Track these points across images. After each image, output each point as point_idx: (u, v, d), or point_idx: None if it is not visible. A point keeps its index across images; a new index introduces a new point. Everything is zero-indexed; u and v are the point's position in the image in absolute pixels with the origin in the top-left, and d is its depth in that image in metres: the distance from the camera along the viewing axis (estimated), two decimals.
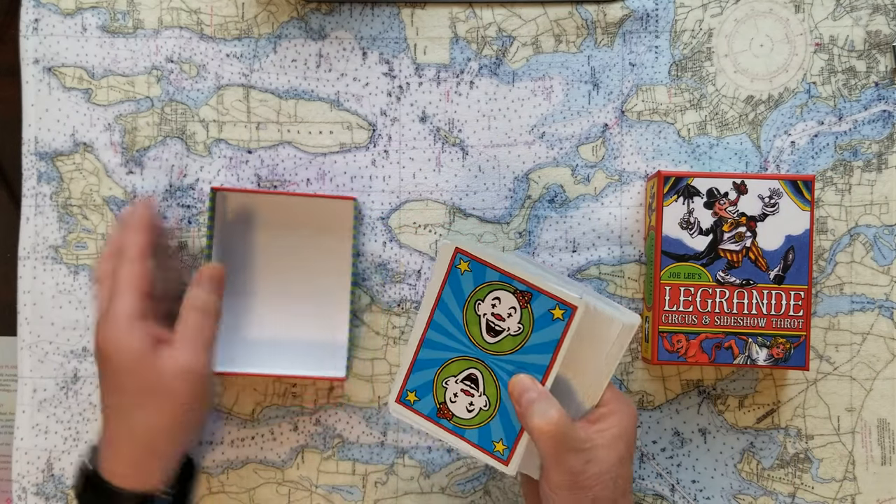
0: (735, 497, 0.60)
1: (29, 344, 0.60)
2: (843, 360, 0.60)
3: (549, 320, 0.48)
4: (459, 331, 0.50)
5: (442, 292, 0.49)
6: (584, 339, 0.49)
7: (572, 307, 0.47)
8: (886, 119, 0.60)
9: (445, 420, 0.51)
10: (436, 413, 0.51)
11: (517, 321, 0.49)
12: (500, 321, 0.49)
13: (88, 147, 0.61)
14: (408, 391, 0.51)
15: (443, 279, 0.49)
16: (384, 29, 0.61)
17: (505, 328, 0.49)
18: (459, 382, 0.51)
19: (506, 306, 0.49)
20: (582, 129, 0.61)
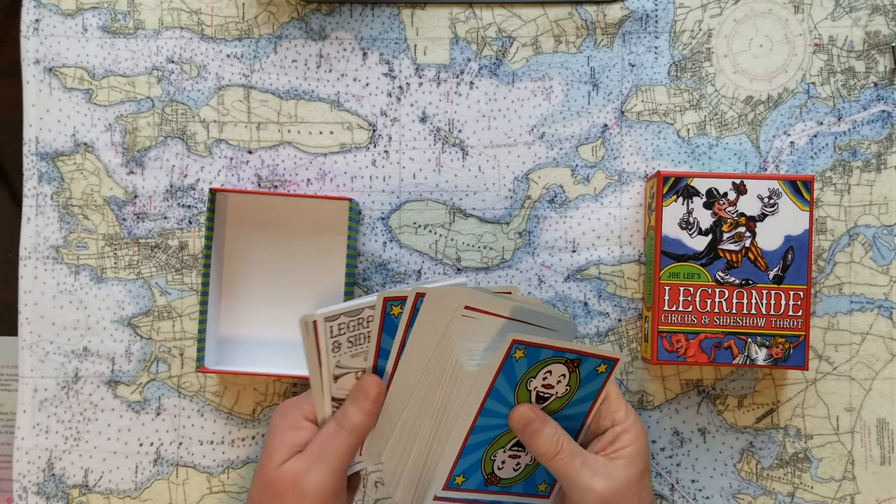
0: (734, 497, 0.60)
1: (30, 344, 0.60)
2: (842, 359, 0.60)
3: (594, 375, 0.49)
4: (509, 408, 0.49)
5: (495, 383, 0.48)
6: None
7: (614, 360, 0.49)
8: (885, 119, 0.60)
9: (493, 486, 0.52)
10: (484, 483, 0.51)
11: (565, 385, 0.49)
12: (549, 389, 0.49)
13: (89, 147, 0.61)
14: (456, 476, 0.51)
15: (497, 369, 0.47)
16: (384, 29, 0.61)
17: (553, 394, 0.49)
18: (508, 450, 0.51)
19: (556, 375, 0.49)
20: (582, 130, 0.61)
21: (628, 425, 0.50)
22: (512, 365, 0.47)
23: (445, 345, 0.49)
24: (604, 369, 0.49)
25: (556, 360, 0.48)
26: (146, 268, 0.61)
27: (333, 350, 0.49)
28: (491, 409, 0.49)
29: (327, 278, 0.60)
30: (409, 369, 0.50)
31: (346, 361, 0.50)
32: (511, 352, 0.46)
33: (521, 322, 0.49)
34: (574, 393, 0.49)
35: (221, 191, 0.58)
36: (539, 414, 0.49)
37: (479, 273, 0.61)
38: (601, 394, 0.50)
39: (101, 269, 0.61)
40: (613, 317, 0.60)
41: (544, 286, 0.61)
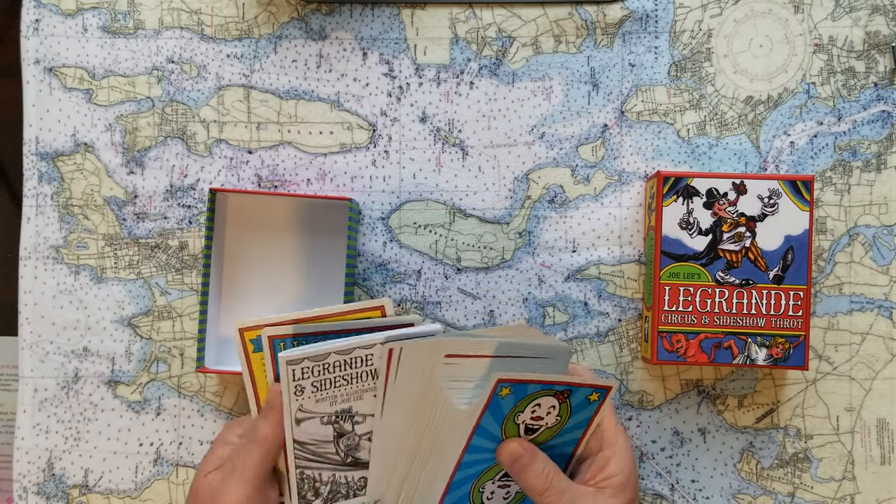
0: (734, 496, 0.60)
1: (30, 344, 0.60)
2: (842, 359, 0.60)
3: (586, 404, 0.48)
4: (497, 443, 0.48)
5: (480, 421, 0.46)
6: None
7: (607, 388, 0.47)
8: (885, 119, 0.60)
9: None
10: None
11: (555, 415, 0.48)
12: (538, 421, 0.48)
13: (89, 147, 0.61)
14: None
15: (483, 408, 0.46)
16: (384, 29, 0.61)
17: (543, 425, 0.48)
18: (497, 482, 0.50)
19: (545, 408, 0.47)
20: (582, 130, 0.61)
21: (617, 449, 0.49)
22: (498, 402, 0.46)
23: (432, 389, 0.48)
24: (596, 398, 0.47)
25: (544, 393, 0.46)
26: (146, 268, 0.61)
27: (296, 394, 0.49)
28: (478, 445, 0.47)
29: (327, 278, 0.60)
30: (395, 415, 0.49)
31: (309, 406, 0.50)
32: (497, 390, 0.44)
33: (509, 357, 0.48)
34: (565, 422, 0.48)
35: (221, 191, 0.58)
36: (528, 448, 0.47)
37: (478, 273, 0.61)
38: (593, 422, 0.48)
39: (101, 269, 0.61)
40: (613, 317, 0.60)
41: (544, 286, 0.61)
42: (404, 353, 0.48)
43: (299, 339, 0.50)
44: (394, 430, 0.50)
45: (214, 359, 0.59)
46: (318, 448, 0.51)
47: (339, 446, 0.51)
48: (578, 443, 0.49)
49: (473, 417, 0.46)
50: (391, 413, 0.50)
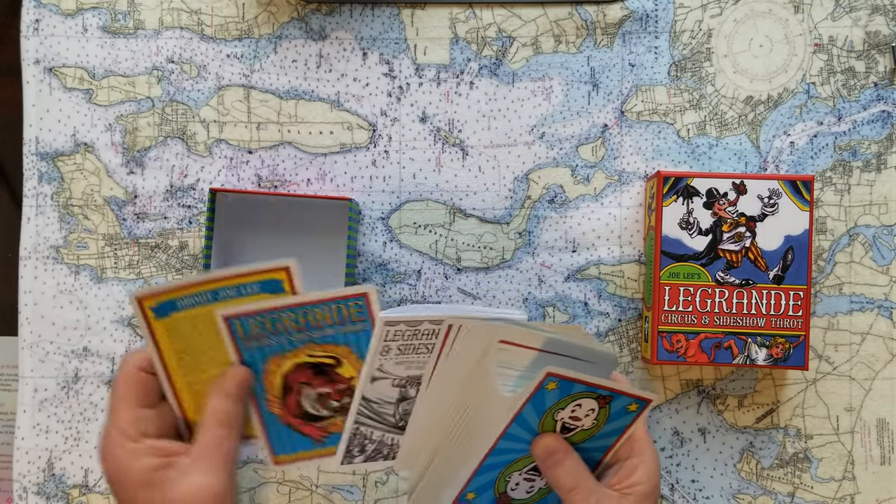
0: (734, 496, 0.60)
1: (30, 344, 0.61)
2: (842, 359, 0.60)
3: (623, 413, 0.48)
4: (533, 436, 0.48)
5: (522, 411, 0.47)
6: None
7: (647, 400, 0.48)
8: (885, 119, 0.60)
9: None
10: (494, 502, 0.51)
11: (593, 419, 0.48)
12: (576, 421, 0.48)
13: (89, 147, 0.61)
14: (467, 492, 0.50)
15: (527, 398, 0.46)
16: (384, 29, 0.61)
17: (579, 426, 0.48)
18: (524, 474, 0.50)
19: (585, 409, 0.48)
20: (582, 130, 0.61)
21: (645, 458, 0.49)
22: (543, 395, 0.46)
23: (480, 371, 0.49)
24: (635, 408, 0.48)
25: (587, 395, 0.47)
26: (146, 268, 0.61)
27: (382, 353, 0.48)
28: (514, 434, 0.48)
29: (327, 278, 0.60)
30: (440, 389, 0.50)
31: (388, 367, 0.49)
32: (544, 383, 0.45)
33: (555, 354, 0.49)
34: (601, 427, 0.48)
35: (221, 191, 0.58)
36: (563, 445, 0.48)
37: (479, 273, 0.61)
38: (627, 431, 0.49)
39: (101, 269, 0.61)
40: (613, 317, 0.60)
41: (544, 286, 0.61)
42: (462, 331, 0.48)
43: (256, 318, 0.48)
44: (436, 403, 0.50)
45: None
46: (380, 408, 0.51)
47: (398, 409, 0.51)
48: (609, 449, 0.50)
49: (516, 405, 0.47)
50: (437, 386, 0.50)
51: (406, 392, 0.51)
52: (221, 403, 0.48)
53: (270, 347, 0.49)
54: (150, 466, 0.45)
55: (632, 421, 0.48)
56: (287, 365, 0.50)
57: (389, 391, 0.50)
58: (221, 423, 0.47)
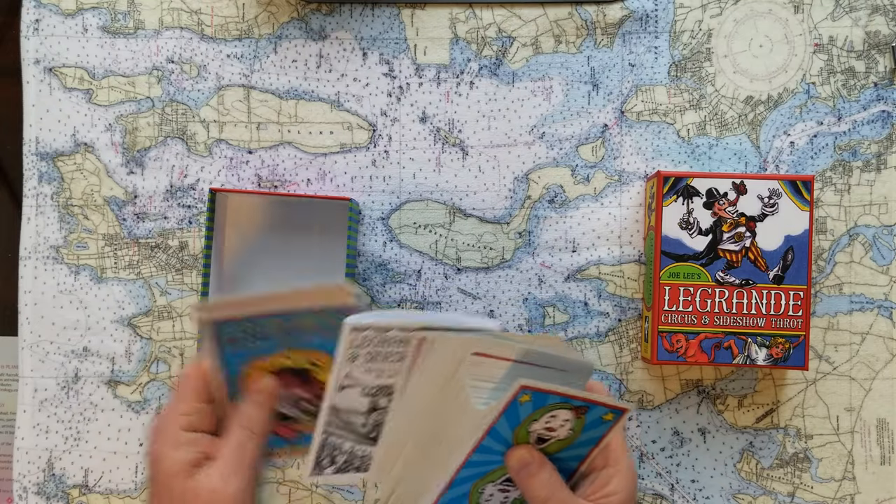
0: (734, 496, 0.60)
1: (30, 344, 0.61)
2: (842, 359, 0.60)
3: (598, 423, 0.48)
4: (506, 447, 0.48)
5: (494, 424, 0.46)
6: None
7: (623, 410, 0.47)
8: (885, 119, 0.60)
9: None
10: None
11: (568, 429, 0.48)
12: (551, 432, 0.48)
13: (89, 147, 0.61)
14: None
15: (500, 411, 0.46)
16: (384, 29, 0.61)
17: (554, 437, 0.48)
18: (498, 485, 0.50)
19: (560, 420, 0.47)
20: (582, 130, 0.61)
21: (620, 468, 0.49)
22: (516, 408, 0.46)
23: (453, 383, 0.48)
24: (610, 418, 0.47)
25: (562, 406, 0.47)
26: (146, 268, 0.61)
27: (349, 360, 0.48)
28: (487, 446, 0.48)
29: (328, 278, 0.60)
30: (413, 402, 0.49)
31: (357, 374, 0.48)
32: (517, 396, 0.45)
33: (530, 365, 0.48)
34: (576, 437, 0.48)
35: (221, 191, 0.58)
36: (537, 457, 0.47)
37: (478, 273, 0.61)
38: (603, 441, 0.49)
39: (101, 269, 0.61)
40: (613, 317, 0.60)
41: (544, 286, 0.61)
42: (437, 343, 0.47)
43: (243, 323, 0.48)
44: (408, 415, 0.50)
45: None
46: (350, 417, 0.50)
47: (369, 419, 0.51)
48: (584, 459, 0.49)
49: (489, 418, 0.46)
50: (410, 399, 0.50)
51: (376, 402, 0.50)
52: (248, 408, 0.49)
53: (251, 351, 0.49)
54: (188, 459, 0.46)
55: (607, 430, 0.48)
56: (266, 368, 0.50)
57: (359, 400, 0.50)
58: (244, 426, 0.48)
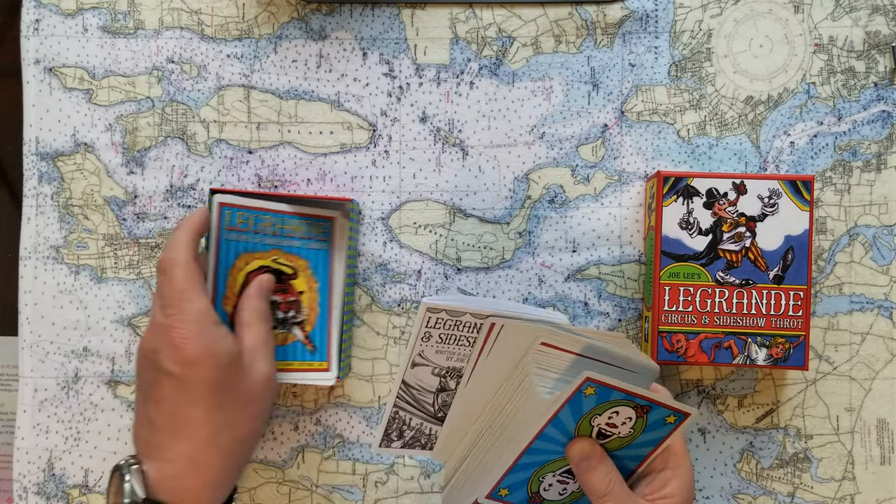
0: (734, 497, 0.60)
1: (30, 344, 0.61)
2: (842, 359, 0.60)
3: (661, 424, 0.48)
4: (568, 439, 0.49)
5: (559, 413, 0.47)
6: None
7: (686, 414, 0.47)
8: (886, 119, 0.60)
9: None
10: (527, 501, 0.52)
11: (629, 427, 0.48)
12: (612, 429, 0.48)
13: (89, 147, 0.61)
14: (500, 488, 0.51)
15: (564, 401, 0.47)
16: (384, 29, 0.61)
17: (615, 433, 0.49)
18: (557, 475, 0.51)
19: (622, 417, 0.48)
20: (582, 130, 0.61)
21: (680, 472, 0.49)
22: (580, 400, 0.47)
23: (519, 371, 0.49)
24: (672, 420, 0.48)
25: (625, 403, 0.47)
26: (146, 268, 0.61)
27: (423, 339, 0.50)
28: (550, 435, 0.48)
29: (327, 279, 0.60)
30: (480, 385, 0.51)
31: (429, 354, 0.51)
32: (582, 388, 0.46)
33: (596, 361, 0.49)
34: (637, 437, 0.48)
35: (221, 191, 0.58)
36: (598, 451, 0.48)
37: (479, 273, 0.61)
38: (663, 443, 0.49)
39: (101, 269, 0.61)
40: (613, 317, 0.60)
41: (544, 286, 0.61)
42: (504, 330, 0.49)
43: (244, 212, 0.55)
44: (474, 401, 0.51)
45: None
46: (420, 395, 0.53)
47: (437, 399, 0.53)
48: (643, 460, 0.50)
49: (553, 407, 0.47)
50: (476, 383, 0.51)
51: (446, 383, 0.52)
52: (261, 303, 0.53)
53: (245, 244, 0.55)
54: (233, 351, 0.49)
55: (668, 433, 0.48)
56: (253, 264, 0.55)
57: (429, 379, 0.52)
58: (264, 319, 0.53)
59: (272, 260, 0.56)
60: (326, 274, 0.58)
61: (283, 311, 0.56)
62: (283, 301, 0.56)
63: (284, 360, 0.56)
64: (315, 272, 0.57)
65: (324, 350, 0.57)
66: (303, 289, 0.57)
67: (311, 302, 0.57)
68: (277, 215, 0.56)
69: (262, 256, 0.55)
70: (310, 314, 0.57)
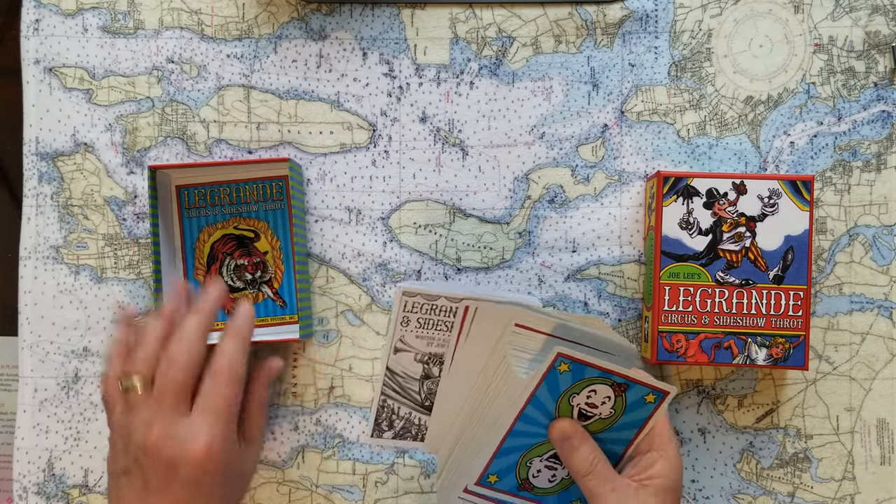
0: (734, 497, 0.60)
1: (30, 344, 0.61)
2: (842, 359, 0.60)
3: (640, 404, 0.49)
4: (550, 419, 0.49)
5: (536, 392, 0.48)
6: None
7: (665, 392, 0.48)
8: (885, 119, 0.60)
9: (526, 492, 0.52)
10: (517, 488, 0.52)
11: (610, 407, 0.49)
12: (592, 409, 0.49)
13: (89, 147, 0.61)
14: (489, 475, 0.52)
15: (540, 378, 0.48)
16: (384, 29, 0.61)
17: (596, 414, 0.49)
18: (544, 461, 0.51)
19: (601, 396, 0.49)
20: (582, 130, 0.61)
21: (665, 453, 0.49)
22: (556, 377, 0.47)
23: (497, 354, 0.50)
24: (652, 399, 0.48)
25: (602, 381, 0.48)
26: (146, 268, 0.61)
27: (402, 324, 0.52)
28: (531, 416, 0.49)
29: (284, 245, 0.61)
30: (461, 371, 0.51)
31: (409, 339, 0.52)
32: (555, 364, 0.46)
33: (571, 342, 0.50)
34: (619, 417, 0.49)
35: (162, 167, 0.57)
36: (579, 431, 0.49)
37: (479, 273, 0.61)
38: (647, 424, 0.49)
39: (101, 269, 0.61)
40: (613, 317, 0.60)
41: (544, 286, 0.61)
42: (479, 313, 0.50)
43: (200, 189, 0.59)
44: (458, 387, 0.52)
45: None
46: (405, 382, 0.54)
47: (423, 387, 0.54)
48: (629, 444, 0.50)
49: (530, 386, 0.48)
50: (458, 369, 0.52)
51: (429, 370, 0.53)
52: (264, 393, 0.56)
53: (206, 218, 0.59)
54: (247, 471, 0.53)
55: (650, 413, 0.48)
56: (216, 234, 0.59)
57: (413, 366, 0.53)
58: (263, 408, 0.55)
59: (233, 227, 0.59)
60: (287, 232, 0.60)
61: (251, 272, 0.59)
62: (249, 263, 0.59)
63: (258, 317, 0.59)
64: (276, 231, 0.59)
65: (293, 304, 0.60)
66: (266, 249, 0.59)
67: (275, 260, 0.59)
68: (232, 185, 0.59)
69: (224, 226, 0.59)
70: (276, 272, 0.59)
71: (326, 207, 0.61)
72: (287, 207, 0.59)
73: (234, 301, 0.60)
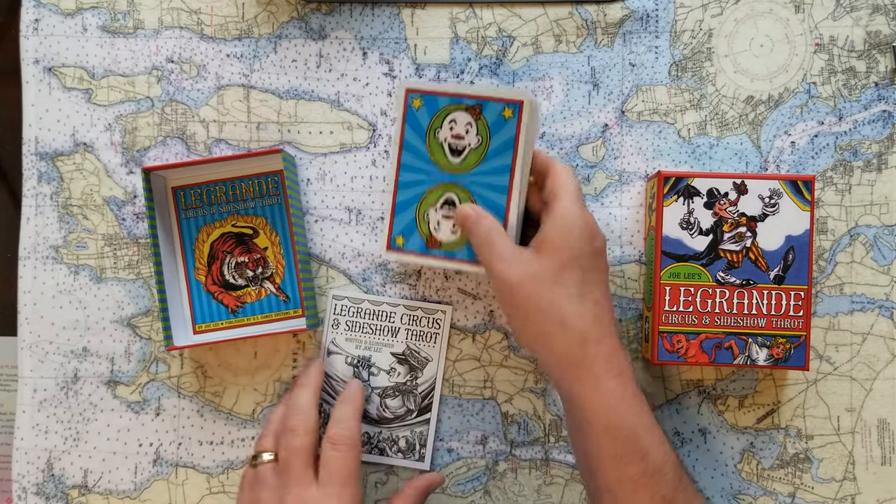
0: (735, 497, 0.60)
1: (29, 344, 0.60)
2: (843, 360, 0.60)
3: (502, 122, 0.51)
4: (427, 162, 0.53)
5: (404, 134, 0.53)
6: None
7: (519, 102, 0.51)
8: (886, 119, 0.60)
9: (435, 249, 0.54)
10: (425, 246, 0.54)
11: (475, 134, 0.52)
12: (459, 140, 0.53)
13: (89, 147, 0.61)
14: (395, 237, 0.55)
15: (402, 121, 0.52)
16: (384, 29, 0.61)
17: (466, 145, 0.53)
18: (439, 210, 0.54)
19: (462, 124, 0.52)
20: (582, 130, 0.61)
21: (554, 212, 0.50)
22: (414, 116, 0.52)
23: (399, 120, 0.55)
24: (510, 113, 0.51)
25: (456, 108, 0.52)
26: (146, 268, 0.61)
27: (333, 326, 0.57)
28: (408, 163, 0.54)
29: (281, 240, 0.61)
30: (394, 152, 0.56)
31: (340, 342, 0.57)
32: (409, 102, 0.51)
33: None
34: (488, 143, 0.52)
35: (156, 168, 0.57)
36: (477, 211, 0.52)
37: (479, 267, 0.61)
38: (518, 141, 0.51)
39: (100, 269, 0.61)
40: None
41: None
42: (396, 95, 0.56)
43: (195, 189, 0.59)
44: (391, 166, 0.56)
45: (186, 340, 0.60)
46: (338, 386, 0.57)
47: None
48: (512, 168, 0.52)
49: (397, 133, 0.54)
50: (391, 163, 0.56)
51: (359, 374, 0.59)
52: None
53: (203, 217, 0.59)
54: None
55: (516, 129, 0.51)
56: (215, 233, 0.59)
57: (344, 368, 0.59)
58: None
59: (231, 225, 0.60)
60: (285, 226, 0.60)
61: (252, 269, 0.59)
62: (250, 260, 0.59)
63: (262, 313, 0.60)
64: (274, 227, 0.60)
65: (296, 297, 0.60)
66: (266, 244, 0.60)
67: (276, 255, 0.60)
68: (227, 183, 0.59)
69: (222, 224, 0.60)
70: (277, 267, 0.60)
71: (326, 207, 0.61)
72: (284, 201, 0.59)
73: (240, 300, 0.60)
